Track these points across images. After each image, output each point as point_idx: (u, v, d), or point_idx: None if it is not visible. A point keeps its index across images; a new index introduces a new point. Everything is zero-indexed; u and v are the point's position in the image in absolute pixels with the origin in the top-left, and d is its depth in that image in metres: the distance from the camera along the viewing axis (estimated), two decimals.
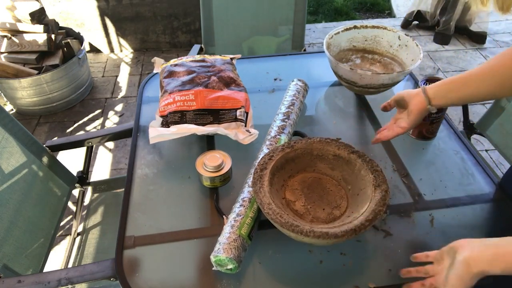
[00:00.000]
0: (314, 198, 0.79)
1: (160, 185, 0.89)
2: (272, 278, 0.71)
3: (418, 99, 0.80)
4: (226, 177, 0.85)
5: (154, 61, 1.14)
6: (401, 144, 0.98)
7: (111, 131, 1.18)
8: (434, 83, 0.80)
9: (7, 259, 0.87)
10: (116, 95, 2.39)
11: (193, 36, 2.75)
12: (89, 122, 2.21)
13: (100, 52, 2.76)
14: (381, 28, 1.14)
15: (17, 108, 2.23)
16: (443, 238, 0.77)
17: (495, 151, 1.97)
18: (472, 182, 0.88)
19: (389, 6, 3.38)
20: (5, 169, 0.94)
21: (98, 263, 0.79)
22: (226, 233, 0.71)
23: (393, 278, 0.71)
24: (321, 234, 0.66)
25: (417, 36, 2.94)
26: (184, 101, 0.94)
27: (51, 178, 1.10)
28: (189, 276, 0.72)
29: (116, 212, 0.90)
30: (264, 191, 0.73)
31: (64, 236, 1.65)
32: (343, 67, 1.01)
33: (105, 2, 2.53)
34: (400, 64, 1.12)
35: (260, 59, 1.34)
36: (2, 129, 0.95)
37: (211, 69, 1.03)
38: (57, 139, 1.18)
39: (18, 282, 0.78)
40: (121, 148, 2.04)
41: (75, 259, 1.11)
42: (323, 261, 0.74)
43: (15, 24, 2.13)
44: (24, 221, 0.96)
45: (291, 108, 0.98)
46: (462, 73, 0.76)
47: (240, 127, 0.93)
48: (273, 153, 0.81)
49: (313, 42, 2.90)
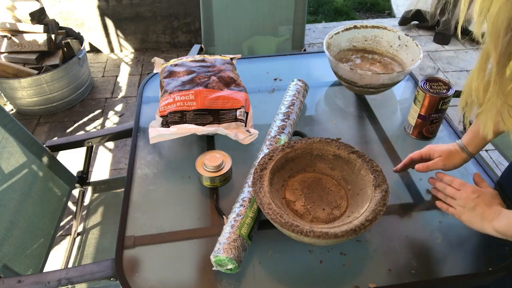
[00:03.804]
0: (314, 198, 0.79)
1: (160, 185, 0.89)
2: (272, 278, 0.71)
3: (457, 157, 0.82)
4: (226, 177, 0.85)
5: (154, 61, 1.14)
6: (401, 144, 0.98)
7: (111, 131, 1.18)
8: (465, 136, 0.83)
9: (7, 259, 0.87)
10: (116, 95, 2.39)
11: (193, 36, 2.75)
12: (89, 122, 2.21)
13: (100, 52, 2.76)
14: (381, 28, 1.14)
15: (17, 108, 2.23)
16: (443, 238, 0.77)
17: (495, 151, 1.97)
18: (472, 182, 0.88)
19: (389, 6, 3.38)
20: (5, 169, 0.94)
21: (98, 263, 0.79)
22: (226, 233, 0.71)
23: (393, 278, 0.71)
24: (321, 234, 0.66)
25: (417, 36, 2.94)
26: (184, 101, 0.94)
27: (51, 178, 1.10)
28: (189, 276, 0.72)
29: (116, 212, 0.90)
30: (264, 191, 0.73)
31: (64, 236, 1.65)
32: (343, 67, 1.01)
33: (105, 2, 2.53)
34: (400, 64, 1.12)
35: (260, 59, 1.34)
36: (2, 129, 0.95)
37: (211, 69, 1.03)
38: (57, 139, 1.18)
39: (18, 282, 0.78)
40: (121, 148, 2.04)
41: (75, 259, 1.10)
42: (323, 261, 0.74)
43: (15, 24, 2.13)
44: (24, 221, 0.96)
45: (291, 108, 0.98)
46: None
47: (240, 127, 0.93)
48: (273, 153, 0.81)
49: (313, 42, 2.90)
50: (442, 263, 0.73)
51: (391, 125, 1.04)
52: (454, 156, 0.82)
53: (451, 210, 0.75)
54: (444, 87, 0.90)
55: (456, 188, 0.76)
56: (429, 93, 0.89)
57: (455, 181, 0.77)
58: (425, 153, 0.84)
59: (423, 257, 0.74)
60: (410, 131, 0.99)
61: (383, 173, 0.76)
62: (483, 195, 0.71)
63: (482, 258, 0.74)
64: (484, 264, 0.73)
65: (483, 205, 0.70)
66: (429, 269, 0.72)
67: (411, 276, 0.71)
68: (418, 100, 0.92)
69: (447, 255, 0.74)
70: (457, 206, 0.74)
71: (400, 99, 1.14)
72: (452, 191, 0.76)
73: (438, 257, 0.74)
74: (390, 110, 1.10)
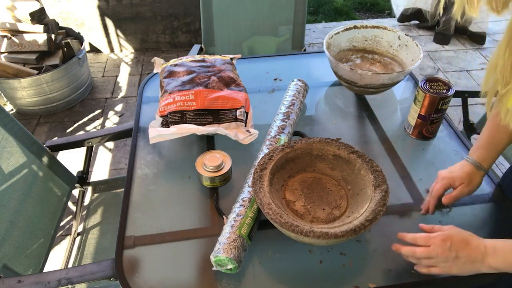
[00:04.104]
0: (314, 198, 0.79)
1: (160, 185, 0.89)
2: (272, 278, 0.71)
3: (477, 177, 0.79)
4: (226, 177, 0.85)
5: (154, 61, 1.14)
6: (401, 144, 0.98)
7: (111, 131, 1.18)
8: (475, 152, 0.81)
9: (7, 259, 0.87)
10: (116, 95, 2.39)
11: (193, 36, 2.75)
12: (89, 122, 2.21)
13: (100, 52, 2.76)
14: (381, 28, 1.14)
15: (17, 108, 2.22)
16: None
17: None
18: None
19: (389, 6, 3.38)
20: (5, 169, 0.94)
21: (98, 263, 0.79)
22: (226, 233, 0.71)
23: (393, 278, 0.71)
24: (321, 234, 0.66)
25: (417, 36, 2.94)
26: (184, 101, 0.94)
27: (51, 178, 1.10)
28: (189, 276, 0.72)
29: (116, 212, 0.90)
30: (264, 191, 0.73)
31: (64, 236, 1.65)
32: (343, 67, 1.01)
33: (105, 2, 2.53)
34: (400, 64, 1.12)
35: (260, 59, 1.34)
36: (2, 129, 0.95)
37: (211, 69, 1.03)
38: (57, 139, 1.18)
39: (18, 282, 0.78)
40: (121, 148, 2.04)
41: (75, 259, 1.10)
42: (323, 261, 0.74)
43: (15, 24, 2.13)
44: (24, 221, 0.96)
45: (291, 108, 0.98)
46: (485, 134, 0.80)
47: (240, 127, 0.93)
48: (273, 153, 0.81)
49: (313, 42, 2.90)
50: None
51: (391, 125, 1.04)
52: (474, 178, 0.79)
53: (435, 270, 0.66)
54: (444, 87, 0.90)
55: (423, 244, 0.66)
56: (429, 93, 0.89)
57: (418, 238, 0.68)
58: (446, 185, 0.80)
59: None
60: (410, 131, 0.99)
61: (383, 173, 0.76)
62: (454, 238, 0.65)
63: None
64: None
65: (462, 248, 0.64)
66: None
67: (411, 276, 0.71)
68: (418, 100, 0.92)
69: None
70: (439, 264, 0.65)
71: (400, 99, 1.14)
72: (424, 252, 0.66)
73: None
74: (390, 110, 1.10)
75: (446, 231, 0.66)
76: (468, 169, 0.79)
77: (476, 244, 0.63)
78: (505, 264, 0.61)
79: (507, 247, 0.61)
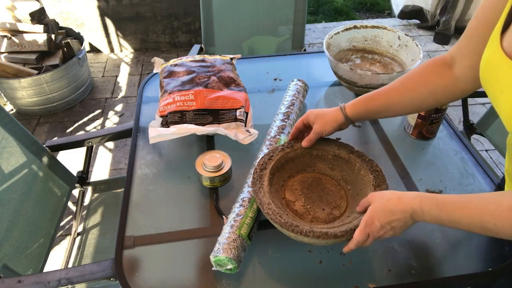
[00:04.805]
0: (313, 198, 0.79)
1: (160, 185, 0.89)
2: (272, 278, 0.71)
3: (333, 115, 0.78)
4: (226, 177, 0.85)
5: (154, 61, 1.14)
6: (401, 144, 0.98)
7: (111, 131, 1.18)
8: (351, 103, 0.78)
9: (7, 259, 0.87)
10: (116, 95, 2.39)
11: (193, 36, 2.75)
12: (89, 122, 2.21)
13: (100, 52, 2.76)
14: (381, 28, 1.14)
15: (17, 108, 2.23)
16: (443, 238, 0.77)
17: (495, 151, 1.97)
18: (472, 182, 0.88)
19: (389, 6, 3.38)
20: (5, 169, 0.94)
21: (98, 263, 0.79)
22: (225, 233, 0.71)
23: (393, 278, 0.71)
24: (321, 234, 0.66)
25: (417, 36, 2.94)
26: (184, 101, 0.94)
27: (51, 178, 1.10)
28: (189, 276, 0.72)
29: (116, 212, 0.90)
30: (264, 191, 0.73)
31: (64, 236, 1.65)
32: (343, 67, 1.02)
33: (105, 2, 2.53)
34: (400, 64, 1.12)
35: (260, 59, 1.34)
36: (2, 129, 0.95)
37: (211, 69, 1.03)
38: (57, 139, 1.18)
39: (18, 282, 0.78)
40: (121, 148, 2.04)
41: (75, 259, 1.11)
42: (322, 261, 0.74)
43: (15, 24, 2.13)
44: (24, 221, 0.96)
45: (291, 108, 0.98)
46: None
47: (240, 127, 0.93)
48: (273, 153, 0.81)
49: (313, 42, 2.90)
50: (442, 263, 0.73)
51: (391, 125, 1.04)
52: (327, 114, 0.77)
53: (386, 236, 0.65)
54: None
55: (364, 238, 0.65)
56: None
57: (356, 238, 0.65)
58: (304, 118, 0.80)
59: (422, 257, 0.74)
60: (410, 131, 0.99)
61: (383, 173, 0.76)
62: (377, 215, 0.63)
63: (481, 258, 0.74)
64: (483, 264, 0.73)
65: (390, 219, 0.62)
66: (428, 269, 0.72)
67: (411, 276, 0.71)
68: None
69: (447, 255, 0.74)
70: (385, 236, 0.64)
71: None
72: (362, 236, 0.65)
73: (438, 257, 0.74)
74: None
75: (368, 212, 0.65)
76: (333, 110, 0.78)
77: (401, 209, 0.62)
78: (432, 221, 0.60)
79: (433, 205, 0.59)
